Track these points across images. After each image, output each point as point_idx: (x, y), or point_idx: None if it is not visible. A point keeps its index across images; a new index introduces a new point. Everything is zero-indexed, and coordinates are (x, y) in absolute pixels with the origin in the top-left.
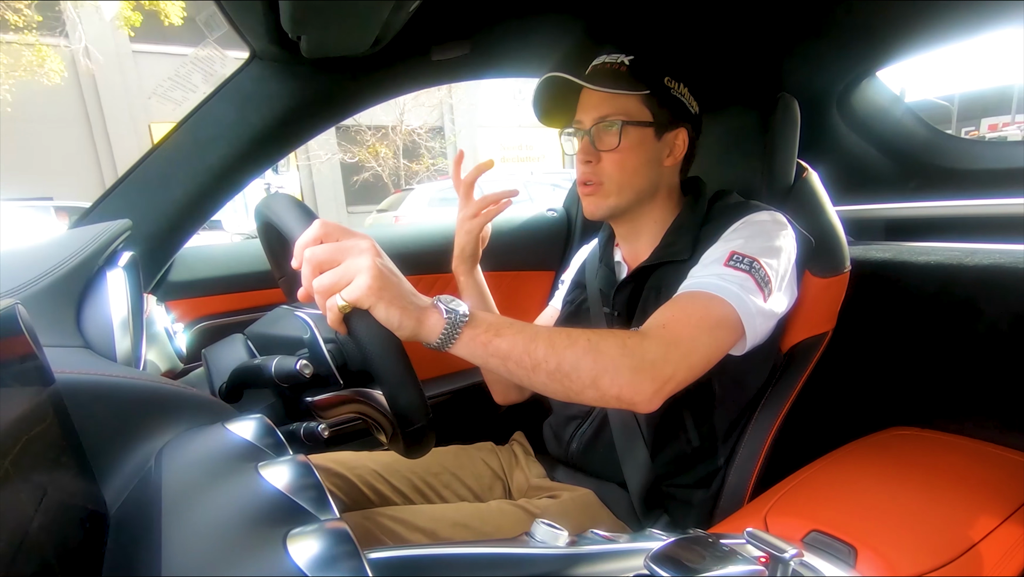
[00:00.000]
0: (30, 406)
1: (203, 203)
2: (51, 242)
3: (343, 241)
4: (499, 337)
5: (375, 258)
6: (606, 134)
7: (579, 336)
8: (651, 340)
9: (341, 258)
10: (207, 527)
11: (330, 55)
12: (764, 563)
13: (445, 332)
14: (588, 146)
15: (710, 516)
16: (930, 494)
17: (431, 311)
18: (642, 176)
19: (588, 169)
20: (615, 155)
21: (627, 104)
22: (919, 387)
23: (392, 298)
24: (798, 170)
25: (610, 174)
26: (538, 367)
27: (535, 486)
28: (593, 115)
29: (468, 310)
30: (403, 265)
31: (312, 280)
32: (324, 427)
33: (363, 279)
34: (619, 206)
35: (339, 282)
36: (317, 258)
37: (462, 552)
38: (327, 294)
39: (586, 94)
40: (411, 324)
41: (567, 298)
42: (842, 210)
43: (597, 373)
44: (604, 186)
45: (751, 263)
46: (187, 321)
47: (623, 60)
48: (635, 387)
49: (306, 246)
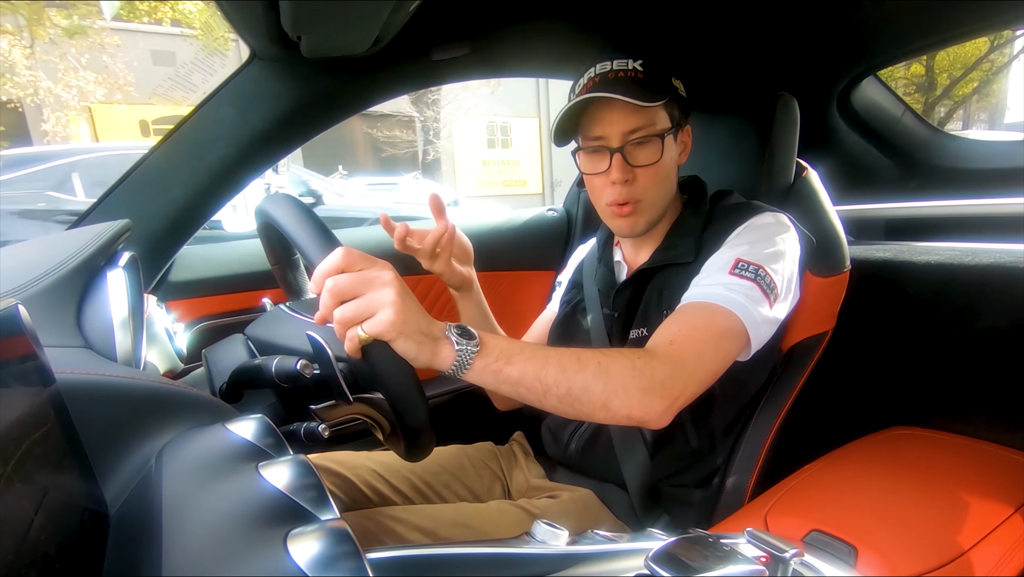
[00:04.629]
0: (30, 406)
1: (203, 203)
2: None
3: (366, 272)
4: (510, 365)
5: (399, 292)
6: (641, 149)
7: (589, 359)
8: (660, 359)
9: (364, 290)
10: (207, 527)
11: (330, 55)
12: (764, 563)
13: (457, 363)
14: (623, 164)
15: (710, 516)
16: (930, 494)
17: (444, 343)
18: (669, 184)
19: (626, 189)
20: (650, 170)
21: (655, 115)
22: (919, 387)
23: (412, 332)
24: (798, 169)
25: (647, 189)
26: (549, 392)
27: (535, 486)
28: (620, 129)
29: (480, 340)
30: (403, 265)
31: (333, 309)
32: (324, 427)
33: (387, 314)
34: (653, 219)
35: (362, 315)
36: (340, 289)
37: (462, 552)
38: (348, 325)
39: (606, 107)
40: (426, 357)
41: (564, 298)
42: (842, 210)
43: (608, 396)
44: (642, 203)
45: (756, 270)
46: (187, 321)
47: (635, 67)
48: (646, 407)
49: (328, 275)
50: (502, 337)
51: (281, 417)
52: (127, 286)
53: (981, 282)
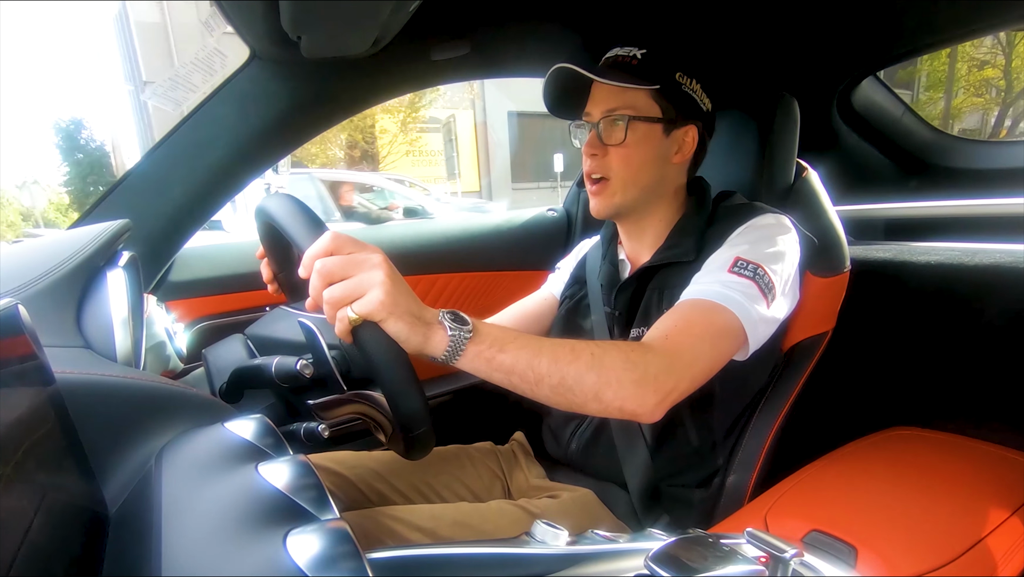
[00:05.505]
0: (30, 406)
1: (203, 203)
2: (51, 242)
3: (356, 254)
4: (503, 352)
5: (388, 273)
6: (613, 128)
7: (583, 350)
8: (654, 352)
9: (353, 272)
10: (207, 527)
11: (330, 55)
12: (764, 563)
13: (450, 348)
14: (595, 139)
15: (710, 516)
16: (930, 494)
17: (436, 327)
18: (648, 173)
19: (594, 162)
20: (621, 150)
21: (636, 98)
22: (919, 387)
23: (402, 313)
24: (798, 170)
25: (616, 169)
26: (541, 381)
27: (535, 486)
28: (601, 108)
29: (473, 326)
30: (403, 265)
31: (322, 291)
32: (324, 427)
33: (376, 293)
34: (624, 204)
35: (351, 295)
36: (328, 270)
37: (462, 552)
38: (338, 306)
39: (596, 87)
40: (418, 340)
41: (566, 293)
42: (842, 210)
43: (600, 387)
44: (610, 183)
45: (755, 269)
46: (187, 321)
47: (635, 53)
48: (638, 400)
49: (317, 258)
50: (496, 325)
51: (281, 417)
52: (127, 286)
53: (981, 282)
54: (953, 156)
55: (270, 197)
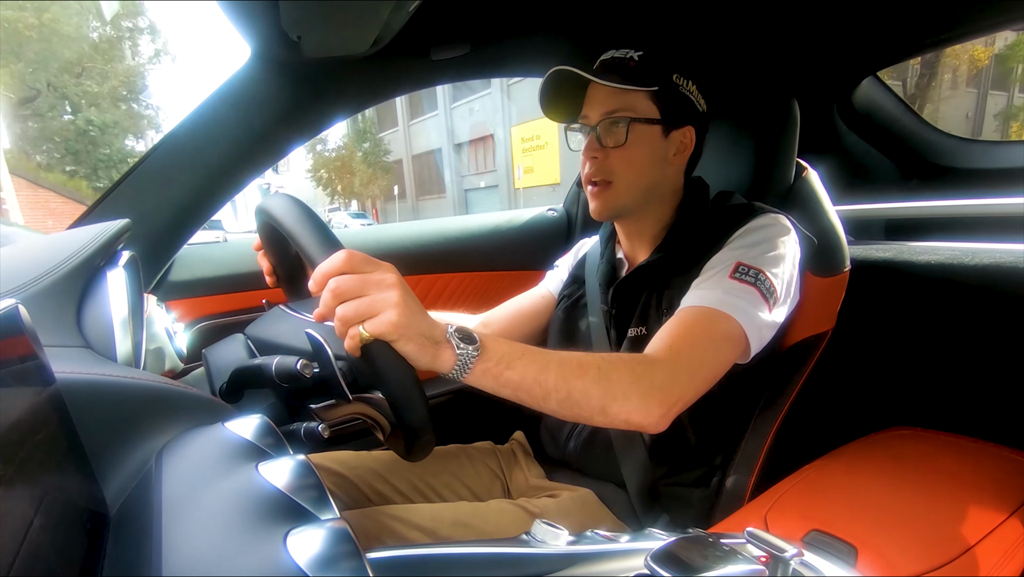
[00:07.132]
0: (31, 406)
1: (203, 203)
2: (51, 242)
3: (371, 275)
4: (510, 369)
5: (401, 294)
6: (613, 130)
7: (589, 364)
8: (659, 364)
9: (368, 292)
10: (207, 527)
11: (330, 55)
12: (764, 562)
13: (458, 367)
14: (595, 142)
15: (710, 515)
16: (930, 494)
17: (445, 346)
18: (649, 174)
19: (595, 165)
20: (622, 152)
21: (634, 100)
22: (919, 387)
23: (413, 335)
24: (798, 170)
25: (618, 172)
26: (548, 396)
27: (534, 486)
28: (600, 110)
29: (481, 343)
30: (403, 265)
31: (335, 307)
32: (324, 427)
33: (390, 315)
34: (627, 205)
35: (364, 314)
36: (342, 288)
37: (462, 552)
38: (350, 324)
39: (593, 89)
40: (427, 360)
41: (564, 292)
42: (842, 210)
43: (606, 401)
44: (613, 185)
45: (756, 275)
46: (187, 321)
47: (632, 55)
48: (643, 412)
49: (330, 276)
50: (503, 341)
51: (281, 417)
52: (127, 286)
53: (981, 282)
54: (953, 156)
55: (274, 197)
